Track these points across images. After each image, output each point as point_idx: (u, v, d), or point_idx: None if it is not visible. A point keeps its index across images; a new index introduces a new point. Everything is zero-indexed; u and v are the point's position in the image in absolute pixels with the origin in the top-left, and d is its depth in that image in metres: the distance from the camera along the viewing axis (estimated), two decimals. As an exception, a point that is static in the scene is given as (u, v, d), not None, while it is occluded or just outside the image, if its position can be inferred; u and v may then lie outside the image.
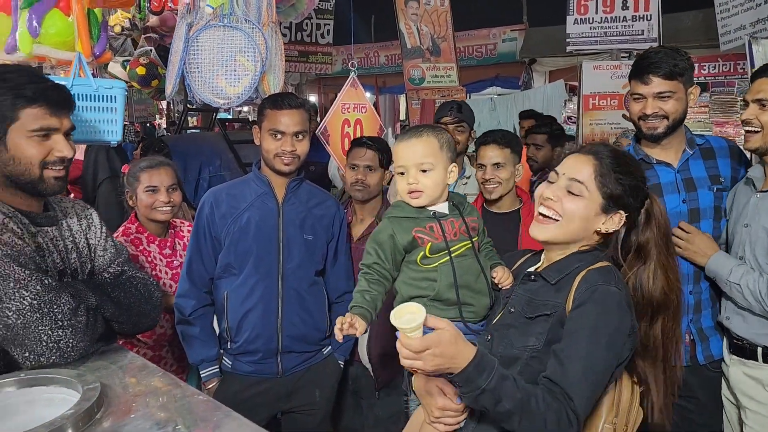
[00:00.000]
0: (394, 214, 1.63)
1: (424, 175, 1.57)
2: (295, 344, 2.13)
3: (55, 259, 1.51)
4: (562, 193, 1.40)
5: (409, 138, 1.61)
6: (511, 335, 1.39)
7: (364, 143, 2.46)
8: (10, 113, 1.43)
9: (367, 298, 1.54)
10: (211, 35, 2.27)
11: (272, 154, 2.07)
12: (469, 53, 9.97)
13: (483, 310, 1.59)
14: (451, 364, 1.20)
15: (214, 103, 2.32)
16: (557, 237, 1.42)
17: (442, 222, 1.58)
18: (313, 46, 7.51)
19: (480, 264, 1.60)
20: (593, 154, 1.42)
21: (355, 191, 2.42)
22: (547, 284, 1.41)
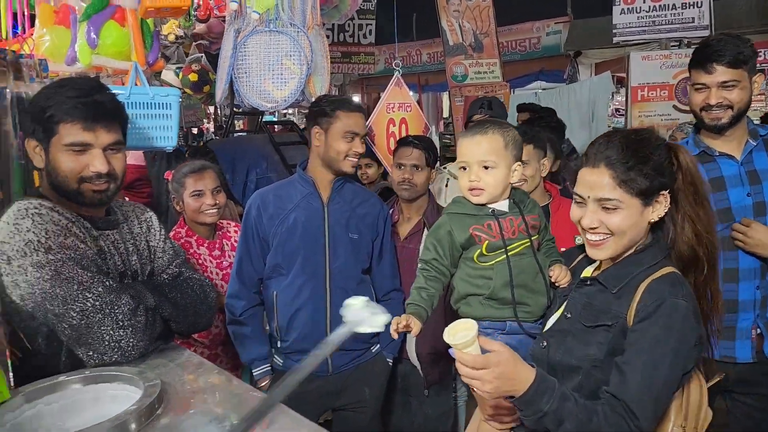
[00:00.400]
0: (453, 210, 1.64)
1: (486, 173, 1.56)
2: (345, 342, 2.16)
3: (116, 261, 1.57)
4: (599, 216, 1.34)
5: (474, 134, 1.60)
6: (569, 343, 1.36)
7: (411, 142, 2.47)
8: (53, 126, 1.48)
9: (424, 296, 1.55)
10: (257, 40, 2.32)
11: (343, 155, 2.12)
12: (513, 48, 9.83)
13: (539, 309, 1.57)
14: (511, 387, 1.19)
15: (262, 106, 2.37)
16: (618, 251, 1.37)
17: (500, 220, 1.57)
18: (355, 46, 7.57)
19: (538, 263, 1.58)
20: (604, 162, 1.33)
21: (402, 190, 2.44)
22: (605, 290, 1.36)
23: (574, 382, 1.31)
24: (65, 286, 1.37)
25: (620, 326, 1.29)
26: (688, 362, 1.26)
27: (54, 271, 1.37)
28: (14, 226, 1.41)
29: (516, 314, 1.53)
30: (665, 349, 1.22)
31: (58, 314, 1.37)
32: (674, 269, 1.34)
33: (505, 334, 1.57)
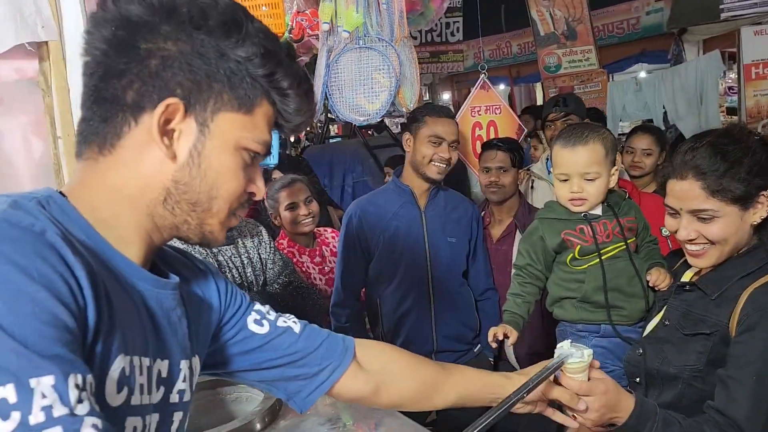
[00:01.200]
0: (545, 215, 1.65)
1: (589, 184, 1.54)
2: (449, 343, 2.23)
3: (234, 273, 1.73)
4: (696, 227, 1.27)
5: (574, 144, 1.55)
6: (667, 351, 1.32)
7: (494, 145, 2.49)
8: None
9: (519, 302, 1.58)
10: (348, 57, 2.43)
11: (428, 160, 2.16)
12: (609, 31, 9.38)
13: (636, 313, 1.54)
14: (613, 414, 1.16)
15: (356, 120, 2.48)
16: (721, 258, 1.29)
17: (593, 224, 1.56)
18: (443, 45, 7.57)
19: (635, 266, 1.55)
20: (692, 173, 1.25)
21: (491, 193, 2.46)
22: (704, 296, 1.31)
23: (674, 392, 1.28)
24: None
25: (721, 335, 1.24)
26: None
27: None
28: None
29: (610, 317, 1.52)
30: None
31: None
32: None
33: (600, 337, 1.56)
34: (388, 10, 2.40)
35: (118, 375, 0.66)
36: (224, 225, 0.81)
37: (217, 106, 0.73)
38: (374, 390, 1.06)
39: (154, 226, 0.77)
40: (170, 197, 0.75)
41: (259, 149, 0.79)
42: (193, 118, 0.73)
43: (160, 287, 0.77)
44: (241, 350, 0.95)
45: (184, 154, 0.73)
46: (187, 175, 0.74)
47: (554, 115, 2.80)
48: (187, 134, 0.73)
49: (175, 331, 0.79)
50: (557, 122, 2.77)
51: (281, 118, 0.80)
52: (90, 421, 0.55)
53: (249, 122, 0.76)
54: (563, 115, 2.79)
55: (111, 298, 0.66)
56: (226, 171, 0.76)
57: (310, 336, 1.00)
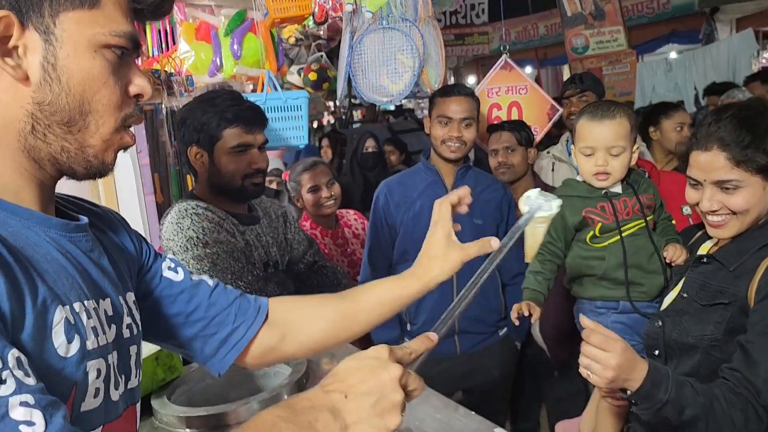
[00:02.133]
0: (564, 192, 1.64)
1: (614, 158, 1.54)
2: (471, 325, 2.23)
3: (260, 253, 1.75)
4: (720, 197, 1.28)
5: (601, 118, 1.55)
6: (685, 322, 1.33)
7: (499, 126, 2.50)
8: (216, 133, 1.68)
9: (539, 279, 1.59)
10: (372, 38, 2.42)
11: (440, 141, 2.16)
12: (639, 11, 9.15)
13: (655, 289, 1.55)
14: (628, 376, 1.15)
15: (378, 101, 2.48)
16: (742, 229, 1.31)
17: (614, 201, 1.56)
18: (468, 27, 7.49)
19: (654, 243, 1.56)
20: (717, 144, 1.26)
21: (500, 174, 2.46)
22: (722, 268, 1.31)
23: (692, 361, 1.29)
24: (221, 275, 1.56)
25: (739, 305, 1.24)
26: None
27: (211, 263, 1.57)
28: (177, 225, 1.62)
29: (629, 294, 1.52)
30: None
31: (216, 301, 1.56)
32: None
33: (618, 313, 1.57)
34: (412, -10, 2.38)
35: (63, 327, 0.65)
36: (110, 144, 0.72)
37: (54, 7, 0.65)
38: (280, 339, 1.03)
39: (32, 162, 0.70)
40: (38, 123, 0.67)
41: (122, 42, 0.69)
42: (32, 28, 0.65)
43: (70, 230, 0.73)
44: (161, 301, 0.94)
45: (36, 71, 0.66)
46: (48, 94, 0.66)
47: (570, 92, 2.78)
48: (33, 48, 0.65)
49: (103, 270, 0.77)
50: (573, 99, 2.75)
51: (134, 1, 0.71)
52: (18, 400, 0.53)
53: (98, 16, 0.68)
54: (579, 91, 2.76)
55: (21, 254, 0.63)
56: (91, 78, 0.68)
57: (223, 293, 1.00)
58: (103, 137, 0.71)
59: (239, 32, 2.25)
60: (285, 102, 2.20)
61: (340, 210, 2.74)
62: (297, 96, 2.23)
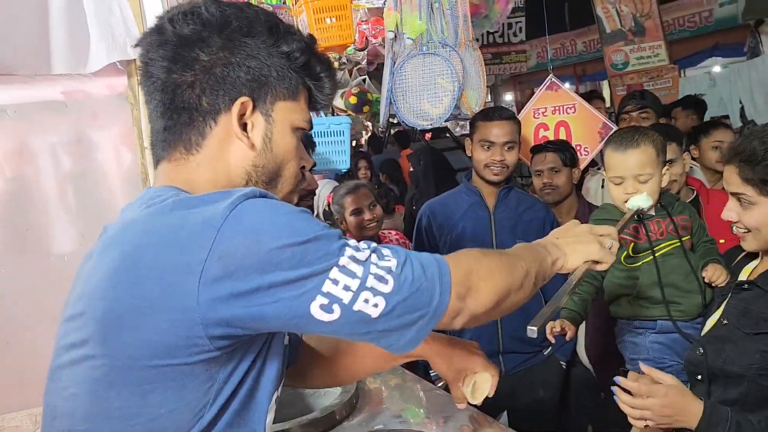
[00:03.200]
0: (599, 216, 1.70)
1: (643, 185, 1.58)
2: (515, 344, 2.23)
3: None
4: (737, 210, 1.33)
5: (625, 148, 1.60)
6: (729, 350, 1.32)
7: (543, 147, 2.51)
8: None
9: (576, 300, 1.62)
10: (413, 64, 2.47)
11: (482, 164, 2.19)
12: (680, 25, 9.04)
13: (694, 308, 1.56)
14: (681, 417, 1.19)
15: (419, 125, 2.53)
16: (760, 246, 1.34)
17: (646, 223, 1.60)
18: (505, 46, 7.52)
19: (690, 263, 1.58)
20: (734, 158, 1.30)
21: (545, 195, 2.46)
22: (765, 294, 1.31)
23: (739, 389, 1.28)
24: None
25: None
26: None
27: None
28: None
29: (669, 312, 1.52)
30: None
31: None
32: None
33: (656, 333, 1.59)
34: (452, 15, 2.43)
35: None
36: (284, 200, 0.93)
37: (273, 97, 0.88)
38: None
39: None
40: (251, 180, 0.88)
41: (307, 126, 0.94)
42: (258, 111, 0.87)
43: None
44: None
45: (259, 142, 0.88)
46: (263, 159, 0.88)
47: (631, 107, 2.78)
48: (258, 125, 0.87)
49: None
50: (633, 114, 2.75)
51: (316, 99, 0.96)
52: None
53: (297, 106, 0.91)
54: (639, 108, 2.76)
55: None
56: (290, 150, 0.91)
57: None
58: (283, 196, 0.93)
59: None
60: (328, 127, 2.26)
61: (382, 231, 2.78)
62: (339, 122, 2.30)
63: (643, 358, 1.57)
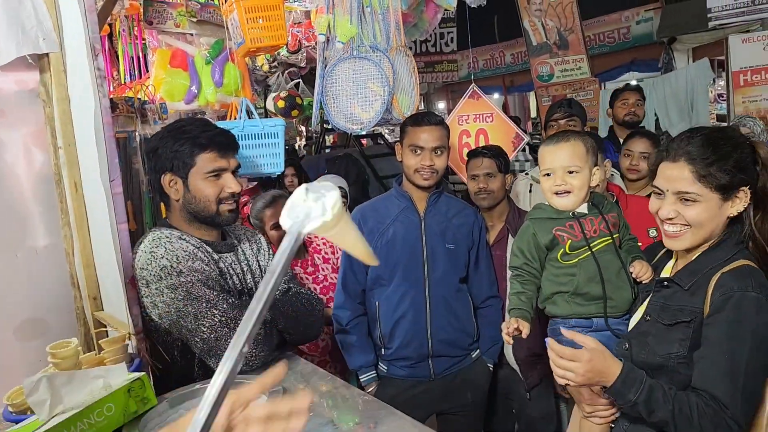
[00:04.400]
0: (535, 215, 1.73)
1: (572, 177, 1.65)
2: (445, 348, 2.25)
3: (234, 281, 1.75)
4: (677, 207, 1.37)
5: (557, 142, 1.68)
6: (651, 343, 1.40)
7: (480, 153, 2.54)
8: (190, 159, 1.69)
9: (523, 299, 1.64)
10: (343, 67, 2.47)
11: (412, 169, 2.20)
12: (601, 41, 9.50)
13: (624, 304, 1.61)
14: (601, 378, 1.28)
15: (349, 129, 2.52)
16: (695, 242, 1.39)
17: (581, 221, 1.65)
18: (438, 55, 7.66)
19: (620, 259, 1.64)
20: (684, 157, 1.35)
21: (480, 200, 2.50)
22: (681, 289, 1.39)
23: (663, 380, 1.34)
24: (196, 304, 1.55)
25: (699, 321, 1.33)
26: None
27: (186, 292, 1.56)
28: (150, 254, 1.61)
29: (605, 309, 1.57)
30: (740, 341, 1.24)
31: (191, 329, 1.55)
32: (747, 261, 1.34)
33: (592, 331, 1.62)
34: (383, 20, 2.44)
35: None
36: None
37: None
38: None
39: None
40: None
41: None
42: None
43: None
44: None
45: None
46: None
47: (559, 115, 2.87)
48: None
49: None
50: (561, 122, 2.85)
51: None
52: None
53: None
54: (567, 115, 2.86)
55: None
56: None
57: None
58: None
59: (220, 61, 2.28)
60: (262, 129, 2.21)
61: (309, 235, 2.71)
62: (274, 123, 2.26)
63: None
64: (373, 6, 2.39)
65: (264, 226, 2.54)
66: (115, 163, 1.56)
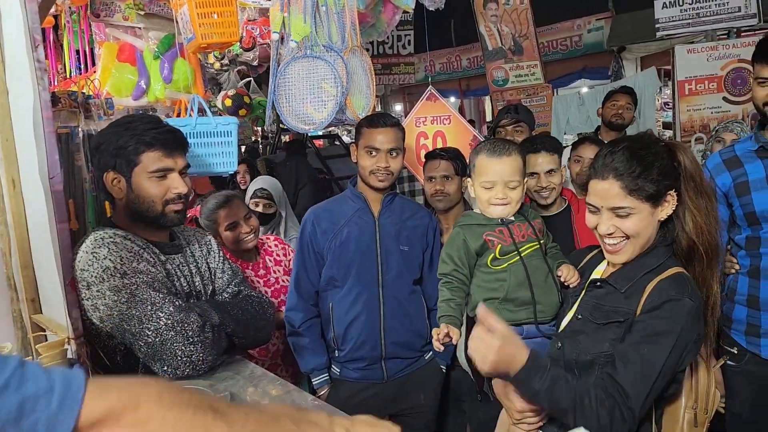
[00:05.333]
0: (464, 222, 1.77)
1: (512, 191, 1.68)
2: (398, 350, 2.24)
3: (182, 282, 1.70)
4: (614, 222, 1.41)
5: (499, 155, 1.70)
6: (583, 341, 1.43)
7: (438, 155, 2.54)
8: (134, 157, 1.62)
9: (453, 306, 1.65)
10: (296, 66, 2.44)
11: (368, 171, 2.19)
12: (554, 48, 9.74)
13: (552, 308, 1.65)
14: (508, 363, 1.28)
15: (302, 129, 2.49)
16: (635, 252, 1.43)
17: (510, 226, 1.70)
18: (395, 57, 7.68)
19: (547, 264, 1.68)
20: (612, 174, 1.39)
21: (437, 202, 2.51)
22: (615, 291, 1.43)
23: (592, 377, 1.38)
24: (140, 307, 1.50)
25: (630, 321, 1.37)
26: (687, 356, 1.33)
27: (129, 294, 1.50)
28: (92, 255, 1.55)
29: (535, 314, 1.60)
30: (665, 341, 1.29)
31: (135, 333, 1.50)
32: (680, 269, 1.40)
33: (523, 339, 1.62)
34: (339, 20, 2.42)
35: None
36: None
37: None
38: None
39: None
40: None
41: None
42: None
43: None
44: None
45: None
46: None
47: (507, 121, 2.91)
48: None
49: None
50: (508, 128, 2.88)
51: None
52: None
53: None
54: (514, 121, 2.89)
55: None
56: None
57: None
58: None
59: (170, 56, 2.21)
60: (215, 127, 2.16)
61: (261, 237, 2.67)
62: (228, 122, 2.20)
63: None
64: (329, 5, 2.37)
65: (217, 227, 2.46)
66: (55, 160, 1.49)
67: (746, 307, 2.06)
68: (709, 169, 2.14)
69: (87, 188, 2.04)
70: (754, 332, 2.04)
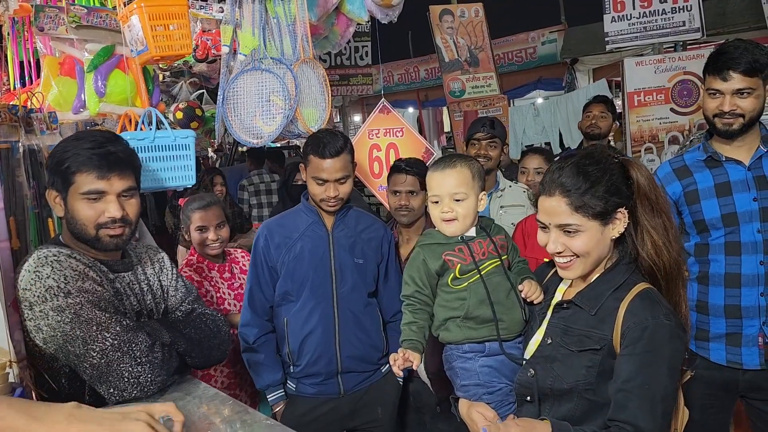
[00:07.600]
0: (424, 241, 1.72)
1: (458, 204, 1.65)
2: (354, 364, 2.23)
3: (132, 301, 1.65)
4: (562, 240, 1.38)
5: (443, 168, 1.67)
6: (557, 369, 1.40)
7: (403, 169, 2.53)
8: (69, 177, 1.56)
9: (414, 329, 1.62)
10: (245, 79, 2.41)
11: (318, 198, 2.17)
12: (509, 59, 9.94)
13: (516, 325, 1.62)
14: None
15: (250, 143, 2.47)
16: (586, 269, 1.41)
17: (470, 244, 1.66)
18: (353, 68, 7.70)
19: (510, 280, 1.65)
20: (558, 190, 1.37)
21: (401, 216, 2.51)
22: (582, 311, 1.40)
23: (569, 405, 1.37)
24: (85, 327, 1.45)
25: (608, 349, 1.34)
26: (679, 372, 1.33)
27: (74, 314, 1.45)
28: (35, 274, 1.49)
29: (498, 331, 1.59)
30: (657, 370, 1.27)
31: (79, 355, 1.44)
32: (646, 285, 1.37)
33: (485, 356, 1.62)
34: (290, 33, 2.41)
35: None
36: None
37: None
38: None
39: None
40: None
41: None
42: None
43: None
44: None
45: None
46: None
47: (480, 135, 2.88)
48: None
49: None
50: (483, 142, 2.85)
51: None
52: None
53: None
54: (489, 136, 2.87)
55: None
56: None
57: None
58: None
59: (104, 69, 2.15)
60: (174, 140, 2.11)
61: (228, 249, 2.72)
62: (186, 135, 2.16)
63: (474, 384, 1.61)
64: (280, 17, 2.35)
65: (190, 224, 2.57)
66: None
67: (696, 312, 2.12)
68: (659, 178, 2.17)
69: (28, 205, 1.96)
70: (703, 337, 2.10)
